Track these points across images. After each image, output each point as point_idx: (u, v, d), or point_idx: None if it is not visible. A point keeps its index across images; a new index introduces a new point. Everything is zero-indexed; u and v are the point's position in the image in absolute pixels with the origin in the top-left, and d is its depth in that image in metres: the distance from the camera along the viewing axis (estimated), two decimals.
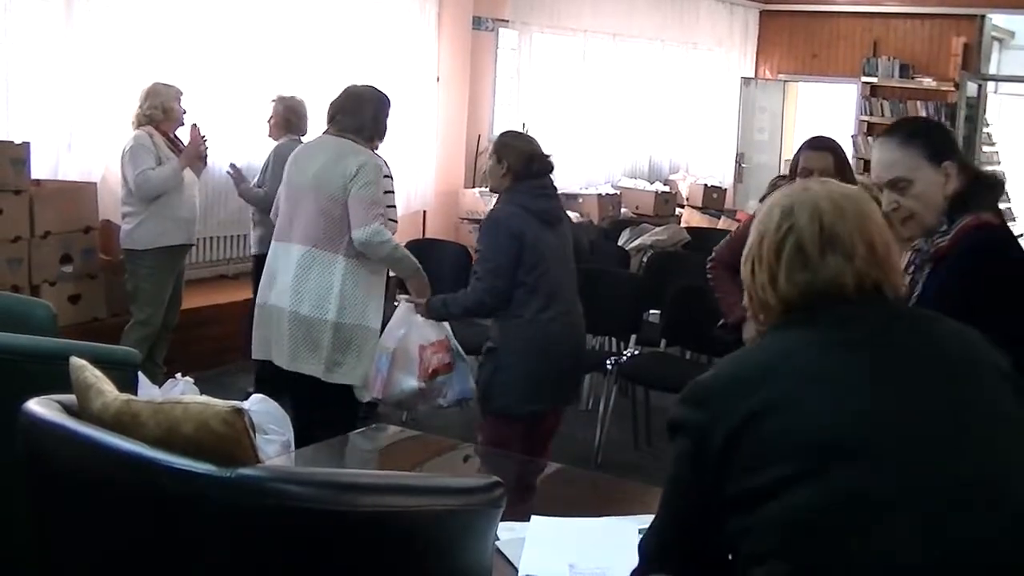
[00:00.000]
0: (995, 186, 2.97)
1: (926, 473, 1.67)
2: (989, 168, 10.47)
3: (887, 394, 1.76)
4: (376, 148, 4.83)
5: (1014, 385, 1.85)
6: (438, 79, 9.70)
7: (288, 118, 6.48)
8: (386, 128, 4.86)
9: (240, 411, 1.81)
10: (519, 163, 4.44)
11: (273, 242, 4.81)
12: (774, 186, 4.74)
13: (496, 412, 4.50)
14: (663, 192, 11.54)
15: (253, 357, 4.99)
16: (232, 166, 6.56)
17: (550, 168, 4.56)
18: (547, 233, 4.45)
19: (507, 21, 10.32)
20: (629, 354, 6.12)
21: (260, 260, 5.31)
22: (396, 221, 6.49)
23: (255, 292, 5.33)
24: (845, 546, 1.64)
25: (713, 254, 4.63)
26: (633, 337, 6.24)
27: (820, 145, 4.39)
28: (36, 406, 1.99)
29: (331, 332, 4.59)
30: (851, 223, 1.90)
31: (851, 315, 1.88)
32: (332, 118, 4.73)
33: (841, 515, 1.65)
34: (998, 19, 14.31)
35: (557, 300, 4.47)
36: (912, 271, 2.85)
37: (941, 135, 2.94)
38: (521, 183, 4.44)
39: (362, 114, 4.72)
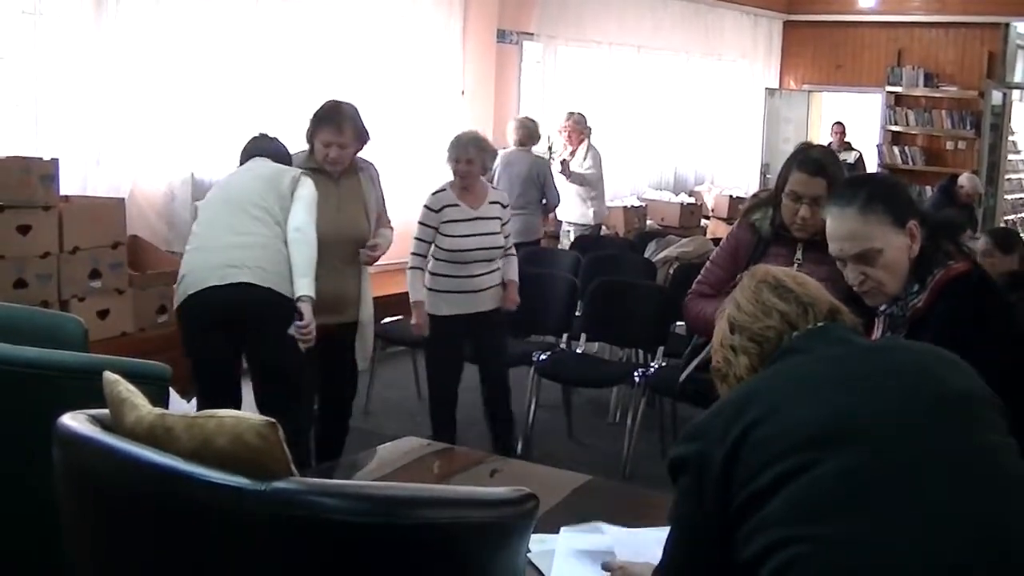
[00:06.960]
0: (954, 228, 2.86)
1: (914, 448, 1.75)
2: (964, 182, 10.30)
3: (869, 388, 1.84)
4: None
5: (971, 375, 1.92)
6: (463, 92, 9.70)
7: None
8: None
9: (274, 424, 1.81)
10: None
11: None
12: (755, 199, 4.35)
13: None
14: (688, 204, 11.51)
15: None
16: None
17: None
18: None
19: (532, 34, 10.33)
20: (656, 366, 6.10)
21: None
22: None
23: None
24: (844, 521, 1.68)
25: (692, 288, 4.23)
26: (660, 349, 6.22)
27: (815, 170, 3.55)
28: (71, 421, 2.00)
29: None
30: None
31: (820, 336, 1.99)
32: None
33: (839, 493, 1.71)
34: (1023, 27, 14.25)
35: None
36: (887, 337, 2.72)
37: (899, 192, 2.76)
38: None
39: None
